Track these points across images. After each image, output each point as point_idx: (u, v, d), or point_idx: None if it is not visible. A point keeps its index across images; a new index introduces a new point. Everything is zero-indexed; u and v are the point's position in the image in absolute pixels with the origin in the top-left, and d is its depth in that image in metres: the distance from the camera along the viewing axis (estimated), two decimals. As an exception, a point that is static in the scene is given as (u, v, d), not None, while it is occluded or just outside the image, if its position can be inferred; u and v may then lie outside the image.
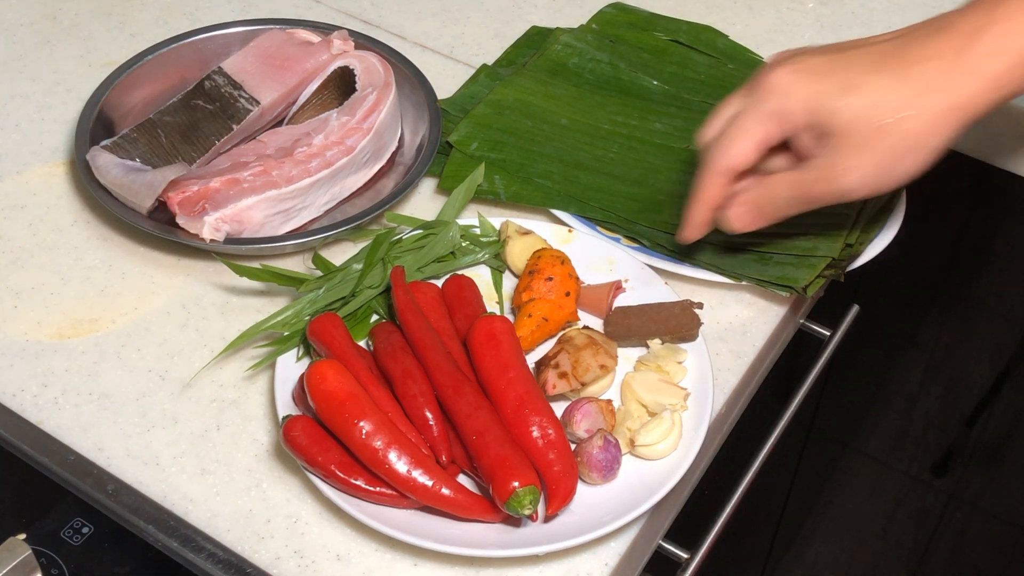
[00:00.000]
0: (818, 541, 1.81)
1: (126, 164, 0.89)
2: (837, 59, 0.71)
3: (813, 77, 0.70)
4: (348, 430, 0.71)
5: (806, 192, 0.74)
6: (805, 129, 0.72)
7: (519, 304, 0.82)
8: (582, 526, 0.71)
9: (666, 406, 0.76)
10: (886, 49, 0.71)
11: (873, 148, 0.70)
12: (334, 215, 0.92)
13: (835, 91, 0.70)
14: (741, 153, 0.73)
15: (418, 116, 0.97)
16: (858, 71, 0.70)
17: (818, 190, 0.73)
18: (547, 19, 1.12)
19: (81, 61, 1.06)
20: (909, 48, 0.70)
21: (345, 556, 0.73)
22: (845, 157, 0.70)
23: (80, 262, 0.89)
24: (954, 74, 0.68)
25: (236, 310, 0.86)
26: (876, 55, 0.71)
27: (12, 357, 0.83)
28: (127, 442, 0.78)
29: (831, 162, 0.71)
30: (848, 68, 0.70)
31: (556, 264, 0.82)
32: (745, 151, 0.73)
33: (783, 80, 0.71)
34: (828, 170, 0.72)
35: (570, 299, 0.81)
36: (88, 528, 0.73)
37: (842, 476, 1.85)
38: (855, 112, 0.69)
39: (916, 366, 1.71)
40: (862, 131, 0.69)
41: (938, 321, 1.59)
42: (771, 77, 0.71)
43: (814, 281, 0.85)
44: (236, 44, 1.00)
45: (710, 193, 0.76)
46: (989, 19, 0.67)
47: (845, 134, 0.70)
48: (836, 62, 0.71)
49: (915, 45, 0.70)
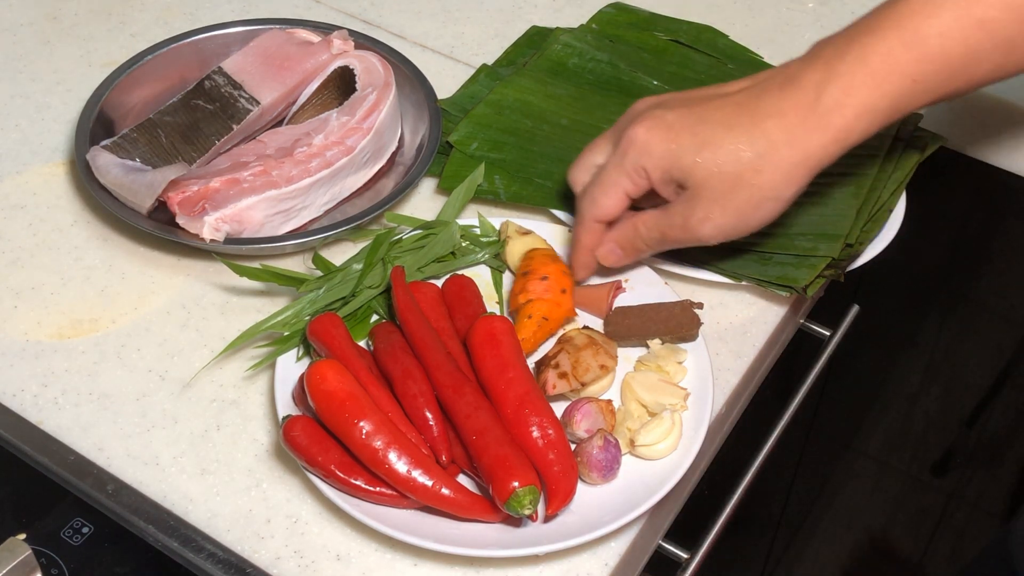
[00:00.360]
0: (818, 541, 1.81)
1: (126, 164, 0.89)
2: (693, 114, 0.75)
3: (670, 134, 0.75)
4: (348, 430, 0.71)
5: (666, 235, 0.79)
6: (663, 183, 0.76)
7: (517, 307, 0.82)
8: (582, 526, 0.71)
9: (666, 406, 0.76)
10: (739, 102, 0.74)
11: (727, 201, 0.74)
12: (334, 215, 0.92)
13: (690, 148, 0.74)
14: (609, 206, 0.79)
15: (418, 116, 0.97)
16: (712, 128, 0.74)
17: (676, 234, 0.78)
18: (547, 19, 1.12)
19: (81, 61, 1.06)
20: (760, 103, 0.73)
21: (345, 556, 0.73)
22: (701, 208, 0.75)
23: (80, 262, 0.89)
24: (803, 130, 0.72)
25: (236, 310, 0.86)
26: (729, 109, 0.74)
27: (12, 357, 0.83)
28: (127, 442, 0.78)
29: (689, 211, 0.76)
30: (703, 124, 0.74)
31: (548, 263, 0.82)
32: (612, 204, 0.79)
33: (642, 137, 0.75)
34: (686, 218, 0.76)
35: (567, 296, 0.82)
36: (88, 528, 0.73)
37: (842, 476, 1.85)
38: (709, 170, 0.74)
39: (916, 366, 1.71)
40: (716, 187, 0.74)
41: (938, 321, 1.59)
42: (631, 133, 0.76)
43: (814, 281, 0.85)
44: (236, 44, 1.00)
45: (586, 240, 0.82)
46: (831, 74, 0.71)
47: (700, 188, 0.74)
48: (692, 117, 0.75)
49: (765, 99, 0.73)
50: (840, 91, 0.71)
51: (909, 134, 0.96)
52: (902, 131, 0.96)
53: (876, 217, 0.91)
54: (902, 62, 0.71)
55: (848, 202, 0.89)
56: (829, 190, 0.91)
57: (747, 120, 0.73)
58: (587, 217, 0.80)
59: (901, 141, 0.95)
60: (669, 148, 0.75)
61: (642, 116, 0.77)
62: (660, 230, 0.79)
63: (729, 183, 0.74)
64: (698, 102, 0.76)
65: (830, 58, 0.72)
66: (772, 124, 0.72)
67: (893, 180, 0.93)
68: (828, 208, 0.89)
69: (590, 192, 0.80)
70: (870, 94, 0.71)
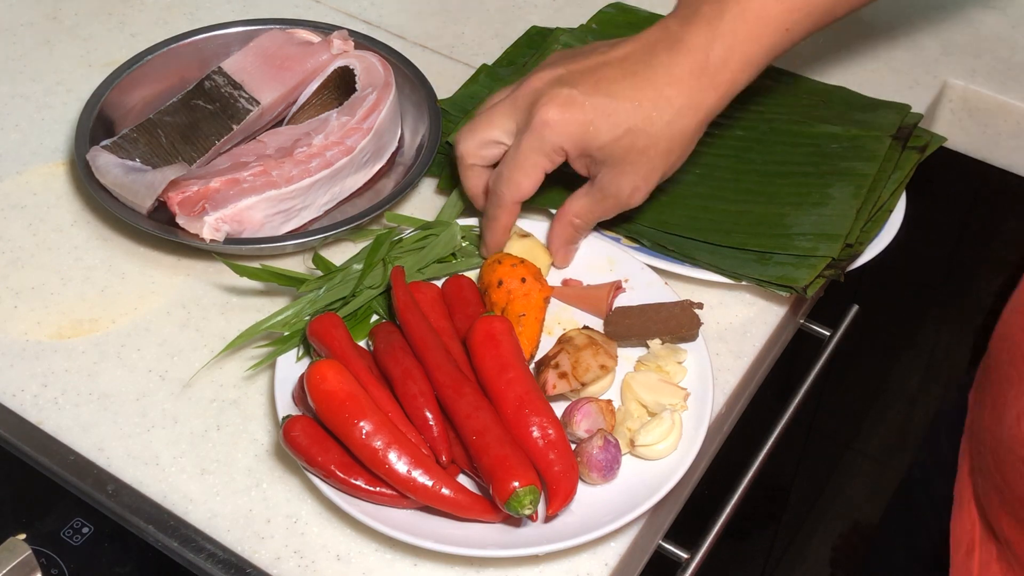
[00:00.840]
0: (818, 541, 1.81)
1: (126, 164, 0.89)
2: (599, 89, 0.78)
3: (583, 114, 0.78)
4: (348, 430, 0.71)
5: (601, 214, 0.84)
6: (578, 159, 0.81)
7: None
8: (582, 526, 0.71)
9: (666, 406, 0.76)
10: (636, 71, 0.79)
11: (647, 168, 0.80)
12: (334, 215, 0.92)
13: (605, 128, 0.78)
14: (530, 187, 0.82)
15: (418, 116, 0.97)
16: (620, 103, 0.78)
17: (611, 211, 0.83)
18: (547, 19, 1.12)
19: (81, 61, 1.06)
20: (656, 71, 0.78)
21: (345, 556, 0.73)
22: (627, 182, 0.80)
23: (80, 262, 0.89)
24: (699, 92, 0.78)
25: (236, 310, 0.86)
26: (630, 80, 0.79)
27: (12, 357, 0.83)
28: (127, 442, 0.78)
29: (616, 188, 0.81)
30: (612, 100, 0.78)
31: (508, 266, 0.82)
32: (533, 184, 0.82)
33: (556, 118, 0.79)
34: (617, 195, 0.81)
35: (529, 282, 0.82)
36: (88, 528, 0.73)
37: (842, 476, 1.85)
38: (624, 146, 0.79)
39: (916, 366, 1.71)
40: (635, 159, 0.79)
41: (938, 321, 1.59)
42: (543, 115, 0.79)
43: (814, 281, 0.85)
44: (236, 44, 1.00)
45: (504, 221, 0.84)
46: (715, 34, 0.77)
47: (620, 163, 0.79)
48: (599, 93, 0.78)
49: (659, 66, 0.78)
50: (725, 49, 0.78)
51: (909, 134, 0.96)
52: (902, 131, 0.96)
53: (876, 217, 0.91)
54: (775, 14, 0.78)
55: (848, 202, 0.89)
56: (829, 190, 0.91)
57: (650, 91, 0.78)
58: (508, 200, 0.82)
59: (901, 141, 0.95)
60: (585, 129, 0.78)
61: (549, 96, 0.79)
62: (595, 214, 0.83)
63: (645, 153, 0.79)
64: (596, 71, 0.80)
65: (711, 17, 0.78)
66: (673, 92, 0.78)
67: (893, 180, 0.93)
68: (828, 208, 0.89)
69: (510, 176, 0.81)
70: (751, 48, 0.78)
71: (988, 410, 0.77)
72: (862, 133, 0.95)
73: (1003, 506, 0.76)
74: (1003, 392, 0.75)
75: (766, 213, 0.90)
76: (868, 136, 0.95)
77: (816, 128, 0.97)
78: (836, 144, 0.95)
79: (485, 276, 0.83)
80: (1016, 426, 0.72)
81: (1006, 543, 0.76)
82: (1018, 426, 0.72)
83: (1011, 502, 0.75)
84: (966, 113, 1.08)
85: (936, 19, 1.13)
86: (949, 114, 1.09)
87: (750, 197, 0.92)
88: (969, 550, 0.80)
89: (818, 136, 0.96)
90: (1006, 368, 0.75)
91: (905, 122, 0.97)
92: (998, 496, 0.76)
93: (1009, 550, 0.76)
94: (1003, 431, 0.74)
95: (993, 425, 0.76)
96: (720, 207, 0.91)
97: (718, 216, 0.90)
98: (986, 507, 0.79)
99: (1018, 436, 0.72)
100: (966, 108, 1.07)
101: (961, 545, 0.81)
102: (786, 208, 0.90)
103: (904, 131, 0.96)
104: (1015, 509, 0.74)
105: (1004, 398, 0.75)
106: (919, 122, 0.98)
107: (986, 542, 0.79)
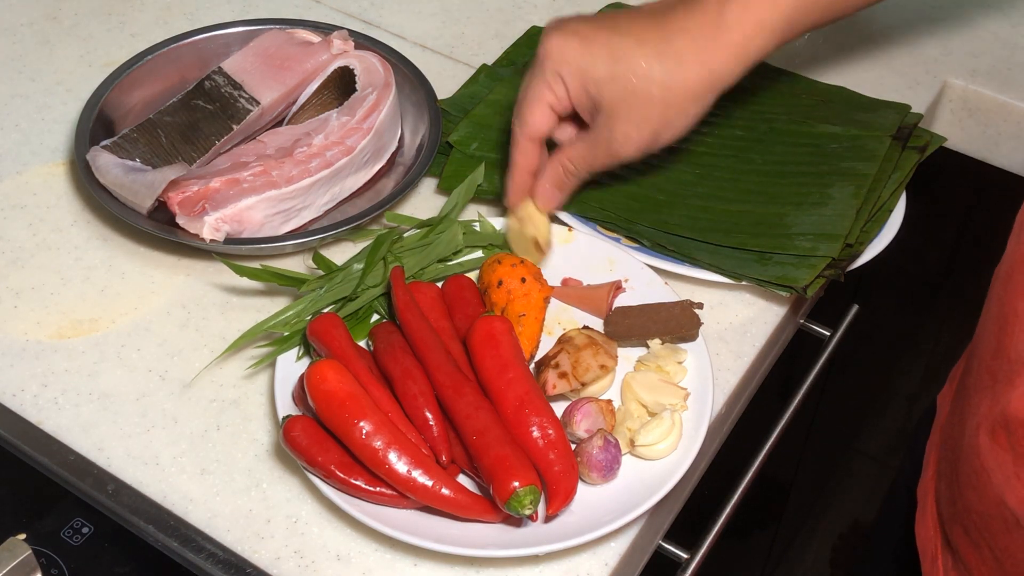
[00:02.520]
0: (818, 541, 1.81)
1: (126, 164, 0.89)
2: (605, 26, 0.77)
3: (584, 43, 0.77)
4: (348, 430, 0.71)
5: (592, 163, 0.82)
6: (579, 95, 0.79)
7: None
8: (582, 526, 0.71)
9: (666, 406, 0.76)
10: (649, 16, 0.77)
11: (641, 119, 0.77)
12: (334, 215, 0.92)
13: (604, 60, 0.76)
14: (537, 122, 0.80)
15: (418, 116, 0.97)
16: (623, 39, 0.76)
17: (601, 160, 0.81)
18: (547, 19, 1.10)
19: (81, 61, 1.06)
20: (668, 19, 0.76)
21: (345, 556, 0.73)
22: (619, 130, 0.78)
23: (80, 262, 0.89)
24: (708, 47, 0.76)
25: (236, 310, 0.86)
26: (641, 23, 0.77)
27: (12, 357, 0.83)
28: (127, 442, 0.78)
29: (609, 135, 0.79)
30: (616, 35, 0.76)
31: (507, 265, 0.82)
32: (539, 119, 0.80)
33: (556, 45, 0.77)
34: (609, 143, 0.79)
35: (529, 282, 0.82)
36: (88, 528, 0.73)
37: (842, 476, 1.85)
38: (623, 86, 0.76)
39: (916, 366, 1.71)
40: (632, 104, 0.77)
41: (938, 321, 1.59)
42: (546, 43, 0.78)
43: (814, 281, 0.85)
44: (236, 44, 1.00)
45: (524, 160, 0.83)
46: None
47: (615, 107, 0.77)
48: (604, 29, 0.77)
49: (672, 16, 0.76)
50: (740, 8, 0.76)
51: (909, 134, 0.96)
52: (902, 131, 0.96)
53: (876, 217, 0.91)
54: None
55: (848, 202, 0.89)
56: (829, 190, 0.91)
57: (657, 35, 0.76)
58: (519, 137, 0.82)
59: (901, 141, 0.95)
60: (584, 58, 0.77)
61: (555, 28, 0.79)
62: (586, 160, 0.82)
63: (642, 100, 0.77)
64: (606, 16, 0.80)
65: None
66: (681, 41, 0.76)
67: (893, 180, 0.93)
68: (828, 208, 0.89)
69: (517, 112, 0.81)
70: (766, 12, 0.76)
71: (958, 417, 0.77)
72: (862, 133, 0.95)
73: (956, 516, 0.75)
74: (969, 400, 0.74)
75: (766, 213, 0.90)
76: (868, 136, 0.95)
77: (816, 128, 0.97)
78: (836, 144, 0.95)
79: (485, 276, 0.83)
80: (975, 436, 0.71)
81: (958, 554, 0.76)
82: (976, 436, 0.71)
83: (962, 512, 0.74)
84: (966, 113, 1.08)
85: (936, 19, 1.13)
86: (949, 114, 1.09)
87: (750, 197, 0.92)
88: (933, 558, 0.79)
89: (818, 136, 0.96)
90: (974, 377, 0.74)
91: (905, 122, 0.97)
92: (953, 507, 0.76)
93: (961, 561, 0.75)
94: (964, 439, 0.73)
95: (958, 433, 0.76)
96: (720, 207, 0.91)
97: (718, 216, 0.90)
98: (944, 515, 0.78)
99: (975, 446, 0.71)
100: (966, 108, 1.07)
101: (927, 552, 0.80)
102: (786, 208, 0.90)
103: (904, 131, 0.96)
104: (964, 520, 0.73)
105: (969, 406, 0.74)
106: (919, 122, 0.98)
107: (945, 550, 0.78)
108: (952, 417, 0.80)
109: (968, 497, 0.73)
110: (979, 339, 0.75)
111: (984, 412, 0.71)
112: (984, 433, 0.70)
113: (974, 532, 0.73)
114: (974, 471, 0.71)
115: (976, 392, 0.73)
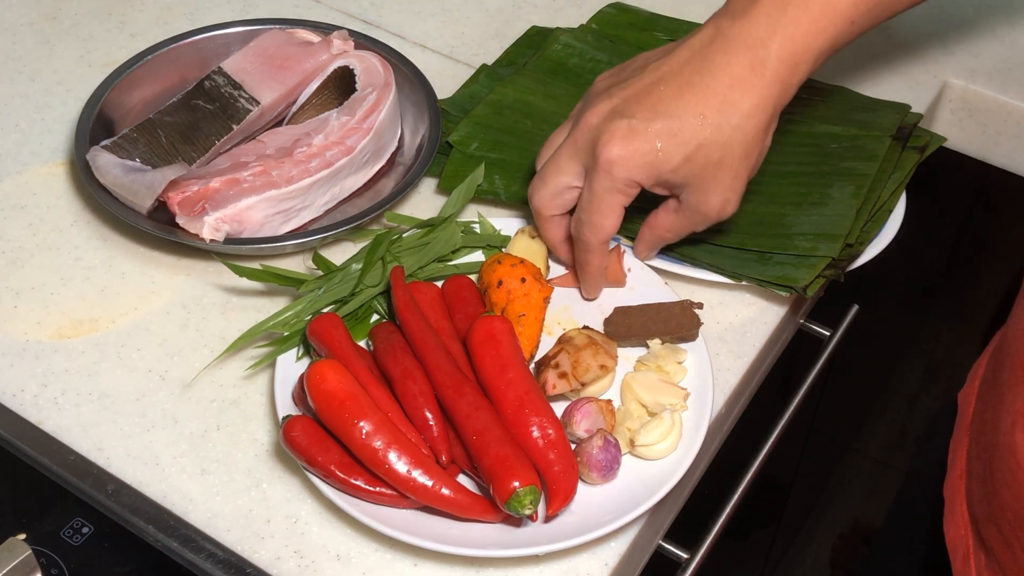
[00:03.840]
0: (818, 541, 1.81)
1: (126, 164, 0.89)
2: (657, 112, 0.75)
3: (647, 143, 0.75)
4: (348, 430, 0.71)
5: (693, 229, 0.81)
6: (655, 187, 0.78)
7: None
8: (582, 526, 0.71)
9: (666, 406, 0.76)
10: (693, 81, 0.75)
11: (729, 178, 0.77)
12: (334, 215, 0.92)
13: (674, 152, 0.75)
14: (612, 226, 0.80)
15: (418, 116, 0.97)
16: (683, 121, 0.75)
17: (703, 225, 0.80)
18: (547, 19, 1.12)
19: (81, 61, 1.06)
20: (714, 77, 0.75)
21: (345, 556, 0.73)
22: (715, 197, 0.77)
23: (80, 262, 0.89)
24: (763, 89, 0.74)
25: (236, 310, 0.86)
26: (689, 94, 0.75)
27: (12, 357, 0.83)
28: (127, 442, 0.78)
29: (705, 205, 0.78)
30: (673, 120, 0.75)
31: (507, 265, 0.82)
32: (614, 223, 0.80)
33: (620, 154, 0.76)
34: (707, 213, 0.79)
35: (529, 282, 0.82)
36: (88, 528, 0.73)
37: (842, 476, 1.85)
38: (695, 164, 0.75)
39: (916, 366, 1.71)
40: (706, 174, 0.76)
41: (938, 321, 1.59)
42: (607, 154, 0.76)
43: (814, 281, 0.85)
44: (236, 44, 1.00)
45: (596, 264, 0.83)
46: (775, 27, 0.74)
47: (694, 181, 0.77)
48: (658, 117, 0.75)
49: (716, 70, 0.75)
50: (787, 42, 0.74)
51: (909, 134, 0.96)
52: (902, 131, 0.96)
53: (876, 217, 0.91)
54: (842, 8, 0.74)
55: (848, 202, 0.89)
56: (829, 190, 0.91)
57: (713, 100, 0.74)
58: (595, 243, 0.81)
59: (901, 141, 0.95)
60: (653, 157, 0.76)
61: (609, 132, 0.76)
62: (687, 228, 0.81)
63: (723, 164, 0.76)
64: (651, 92, 0.77)
65: (771, 11, 0.74)
66: (737, 95, 0.74)
67: (893, 180, 0.93)
68: (828, 208, 0.89)
69: (590, 220, 0.79)
70: (814, 41, 0.75)
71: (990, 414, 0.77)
72: (862, 133, 0.95)
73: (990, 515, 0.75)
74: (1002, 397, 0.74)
75: (766, 213, 0.90)
76: (868, 136, 0.95)
77: (816, 128, 0.97)
78: (836, 144, 0.95)
79: (485, 276, 0.83)
80: (1011, 433, 0.71)
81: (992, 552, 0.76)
82: (1012, 434, 0.71)
83: (997, 511, 0.74)
84: (966, 113, 1.08)
85: (936, 19, 1.13)
86: (949, 114, 1.09)
87: (750, 197, 0.91)
88: (965, 556, 0.79)
89: (818, 136, 0.96)
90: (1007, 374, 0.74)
91: (905, 122, 0.97)
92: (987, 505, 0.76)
93: (996, 560, 0.75)
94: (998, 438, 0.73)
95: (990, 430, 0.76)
96: (720, 207, 0.91)
97: (718, 216, 0.90)
98: (977, 514, 0.78)
99: (1010, 444, 0.71)
100: (966, 108, 1.07)
101: (958, 551, 0.80)
102: (786, 208, 0.90)
103: (904, 131, 0.96)
104: (998, 519, 0.73)
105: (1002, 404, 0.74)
106: (919, 122, 0.98)
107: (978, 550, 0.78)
108: (982, 415, 0.79)
109: (1003, 496, 0.72)
110: (1011, 336, 0.75)
111: (1019, 409, 0.70)
112: (1020, 430, 0.69)
113: (1008, 531, 0.72)
114: (1009, 469, 0.71)
115: (1010, 389, 0.72)
